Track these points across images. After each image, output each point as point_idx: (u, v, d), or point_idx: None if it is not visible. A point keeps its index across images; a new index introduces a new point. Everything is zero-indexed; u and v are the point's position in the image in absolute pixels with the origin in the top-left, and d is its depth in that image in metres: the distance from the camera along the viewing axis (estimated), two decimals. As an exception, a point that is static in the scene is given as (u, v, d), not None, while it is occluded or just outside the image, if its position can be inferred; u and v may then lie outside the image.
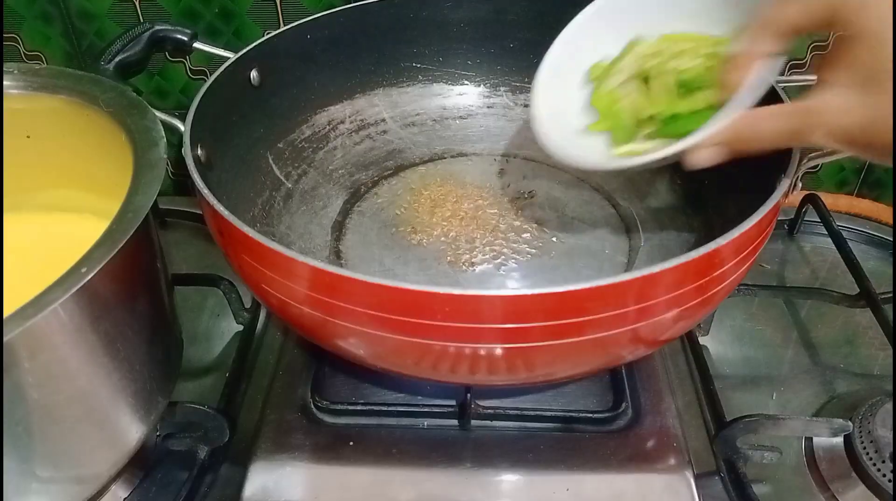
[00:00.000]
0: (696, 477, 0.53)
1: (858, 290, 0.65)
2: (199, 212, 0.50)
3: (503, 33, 0.73)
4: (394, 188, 0.72)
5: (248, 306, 0.66)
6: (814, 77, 0.59)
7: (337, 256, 0.64)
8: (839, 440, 0.55)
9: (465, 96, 0.77)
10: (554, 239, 0.65)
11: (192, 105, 0.54)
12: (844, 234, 0.70)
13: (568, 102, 0.59)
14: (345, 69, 0.71)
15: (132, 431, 0.47)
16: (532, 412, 0.56)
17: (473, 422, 0.56)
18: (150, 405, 0.48)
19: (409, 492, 0.52)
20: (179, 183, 0.85)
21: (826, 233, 0.72)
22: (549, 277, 0.62)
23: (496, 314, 0.40)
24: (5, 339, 0.34)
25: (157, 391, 0.49)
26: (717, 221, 0.61)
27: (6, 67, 0.53)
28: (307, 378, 0.59)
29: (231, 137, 0.61)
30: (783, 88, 0.54)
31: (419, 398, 0.58)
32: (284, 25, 0.66)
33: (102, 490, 0.53)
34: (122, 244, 0.39)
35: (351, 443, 0.55)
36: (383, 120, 0.75)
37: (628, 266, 0.63)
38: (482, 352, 0.43)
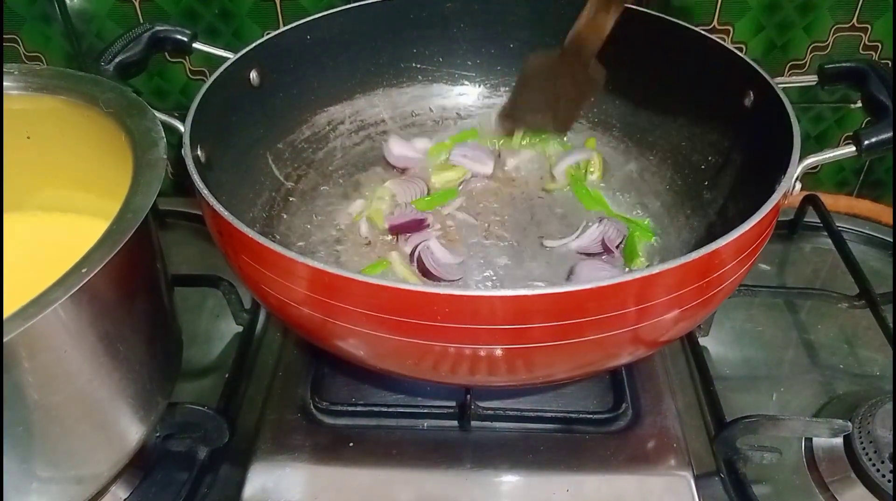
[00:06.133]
0: (697, 478, 0.53)
1: (858, 290, 0.65)
2: (198, 212, 0.50)
3: (503, 34, 0.73)
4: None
5: (247, 306, 0.66)
6: (814, 77, 0.60)
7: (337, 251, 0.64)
8: (839, 440, 0.55)
9: (464, 97, 0.77)
10: (553, 239, 0.66)
11: (192, 106, 0.54)
12: (844, 234, 0.70)
13: None
14: (344, 70, 0.71)
15: (132, 431, 0.47)
16: (532, 413, 0.56)
17: (473, 423, 0.56)
18: (149, 406, 0.48)
19: (409, 493, 0.52)
20: (179, 184, 0.85)
21: (826, 233, 0.72)
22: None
23: (496, 315, 0.40)
24: (5, 339, 0.34)
25: (156, 392, 0.49)
26: (718, 221, 0.61)
27: (6, 67, 0.53)
28: (307, 379, 0.59)
29: (231, 138, 0.61)
30: (783, 89, 0.54)
31: (419, 399, 0.58)
32: (284, 26, 0.66)
33: (102, 491, 0.53)
34: (122, 245, 0.39)
35: (351, 444, 0.55)
36: (383, 120, 0.75)
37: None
38: (482, 353, 0.43)
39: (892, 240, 0.76)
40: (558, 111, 0.71)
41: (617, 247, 0.64)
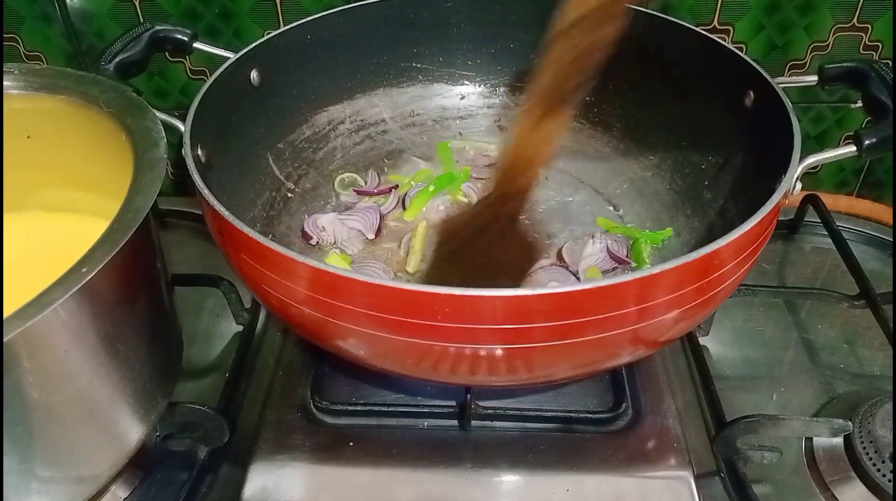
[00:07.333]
0: (697, 478, 0.53)
1: (858, 290, 0.65)
2: (199, 212, 0.50)
3: (503, 34, 0.73)
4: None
5: (247, 306, 0.66)
6: (814, 77, 0.60)
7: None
8: (839, 440, 0.55)
9: (465, 97, 0.77)
10: (554, 241, 0.66)
11: (193, 105, 0.54)
12: (844, 234, 0.70)
13: None
14: (345, 69, 0.71)
15: (132, 431, 0.47)
16: (532, 413, 0.56)
17: (473, 423, 0.56)
18: (149, 406, 0.48)
19: (409, 492, 0.52)
20: (179, 183, 0.85)
21: (826, 233, 0.72)
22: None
23: (496, 315, 0.40)
24: (6, 339, 0.34)
25: (156, 392, 0.49)
26: (718, 221, 0.61)
27: (7, 67, 0.53)
28: (307, 379, 0.59)
29: (231, 138, 0.61)
30: (783, 89, 0.54)
31: (419, 398, 0.58)
32: (284, 26, 0.66)
33: (102, 491, 0.53)
34: (122, 245, 0.39)
35: (351, 444, 0.55)
36: (383, 120, 0.75)
37: (628, 267, 0.63)
38: (482, 353, 0.43)
39: (892, 240, 0.76)
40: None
41: (626, 256, 0.63)
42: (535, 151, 0.46)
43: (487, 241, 0.50)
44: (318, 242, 0.66)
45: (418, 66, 0.75)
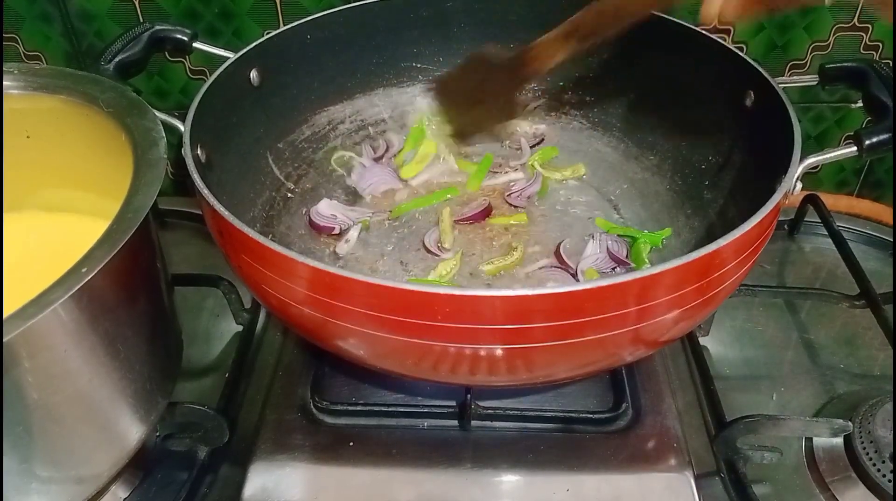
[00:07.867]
0: (697, 478, 0.53)
1: (858, 290, 0.65)
2: (199, 212, 0.50)
3: (503, 34, 0.73)
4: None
5: (247, 306, 0.66)
6: (814, 77, 0.60)
7: (337, 256, 0.64)
8: (839, 440, 0.55)
9: (465, 96, 0.77)
10: (555, 240, 0.66)
11: (192, 105, 0.54)
12: (844, 234, 0.70)
13: None
14: (345, 69, 0.71)
15: (132, 431, 0.47)
16: (532, 413, 0.56)
17: (473, 423, 0.56)
18: (149, 406, 0.48)
19: (409, 492, 0.52)
20: (179, 183, 0.85)
21: (826, 233, 0.72)
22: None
23: (496, 315, 0.40)
24: (5, 339, 0.34)
25: (156, 392, 0.49)
26: (718, 221, 0.61)
27: (7, 67, 0.53)
28: (307, 379, 0.59)
29: (231, 138, 0.61)
30: (784, 89, 0.54)
31: (419, 398, 0.58)
32: (284, 25, 0.66)
33: (102, 491, 0.53)
34: (122, 244, 0.39)
35: (351, 444, 0.55)
36: (383, 120, 0.75)
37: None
38: (482, 353, 0.43)
39: (892, 240, 0.76)
40: (468, 118, 0.67)
41: (626, 256, 0.63)
42: (545, 53, 0.59)
43: (486, 83, 0.64)
44: (339, 229, 0.66)
45: (418, 65, 0.75)
